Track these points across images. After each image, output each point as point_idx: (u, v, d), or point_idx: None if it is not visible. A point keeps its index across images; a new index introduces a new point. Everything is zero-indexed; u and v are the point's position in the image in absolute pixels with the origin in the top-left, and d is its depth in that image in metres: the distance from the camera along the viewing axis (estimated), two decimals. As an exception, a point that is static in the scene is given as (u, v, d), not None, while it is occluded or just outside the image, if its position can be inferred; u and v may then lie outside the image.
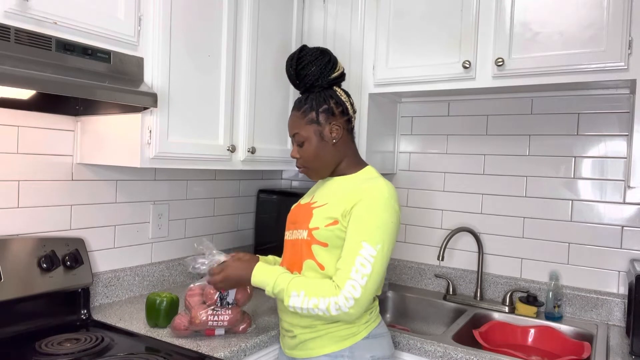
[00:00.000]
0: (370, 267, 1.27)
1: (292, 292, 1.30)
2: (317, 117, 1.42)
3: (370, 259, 1.27)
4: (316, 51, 1.45)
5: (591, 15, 1.62)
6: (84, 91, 1.27)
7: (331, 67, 1.44)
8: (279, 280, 1.33)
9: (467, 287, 2.20)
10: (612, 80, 1.63)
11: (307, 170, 1.48)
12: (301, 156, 1.46)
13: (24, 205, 1.58)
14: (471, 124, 2.21)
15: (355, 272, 1.26)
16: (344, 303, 1.26)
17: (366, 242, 1.28)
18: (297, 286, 1.30)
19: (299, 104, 1.46)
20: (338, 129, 1.43)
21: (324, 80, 1.44)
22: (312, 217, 1.40)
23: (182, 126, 1.63)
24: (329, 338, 1.38)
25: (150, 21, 1.52)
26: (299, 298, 1.29)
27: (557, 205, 2.02)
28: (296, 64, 1.45)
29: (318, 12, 2.18)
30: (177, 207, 2.09)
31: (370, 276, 1.27)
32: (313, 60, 1.43)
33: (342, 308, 1.26)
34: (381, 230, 1.30)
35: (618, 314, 1.88)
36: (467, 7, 1.84)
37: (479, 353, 1.55)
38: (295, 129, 1.45)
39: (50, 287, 1.52)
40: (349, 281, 1.26)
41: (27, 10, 1.22)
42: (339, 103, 1.45)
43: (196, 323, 1.46)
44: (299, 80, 1.46)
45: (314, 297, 1.27)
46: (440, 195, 2.29)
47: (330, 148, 1.44)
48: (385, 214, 1.31)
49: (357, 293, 1.25)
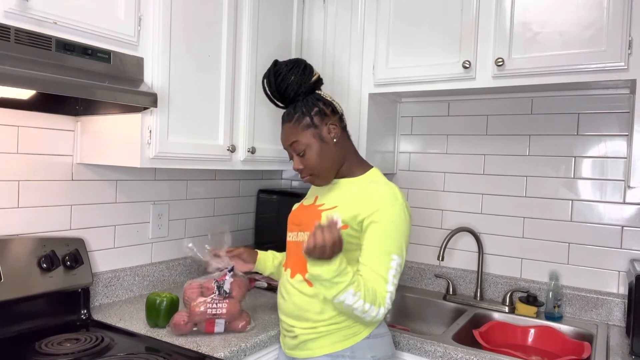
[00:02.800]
0: (399, 275, 1.35)
1: (350, 289, 1.25)
2: (312, 121, 1.42)
3: (400, 269, 1.34)
4: (289, 62, 1.46)
5: (591, 15, 1.62)
6: (84, 91, 1.27)
7: (308, 72, 1.45)
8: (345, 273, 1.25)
9: (467, 287, 2.20)
10: (612, 80, 1.63)
11: (313, 178, 1.46)
12: (305, 165, 1.43)
13: (24, 205, 1.58)
14: (471, 124, 2.21)
15: (392, 285, 1.32)
16: (384, 312, 1.31)
17: (395, 253, 1.33)
18: (357, 286, 1.27)
19: (289, 116, 1.44)
20: (335, 127, 1.44)
21: (306, 87, 1.44)
22: (321, 219, 1.39)
23: (182, 126, 1.63)
24: (329, 338, 1.38)
25: (150, 21, 1.52)
26: (354, 297, 1.26)
27: (557, 205, 2.02)
28: (274, 78, 1.45)
29: (318, 12, 2.18)
30: (177, 207, 2.09)
31: (397, 283, 1.34)
32: (289, 70, 1.44)
33: (378, 316, 1.31)
34: (404, 238, 1.36)
35: (618, 314, 1.88)
36: (467, 7, 1.84)
37: (479, 353, 1.55)
38: (292, 137, 1.42)
39: (50, 287, 1.52)
40: (388, 295, 1.31)
41: (27, 10, 1.22)
42: (327, 103, 1.45)
43: (196, 312, 1.47)
44: (280, 94, 1.46)
45: (368, 302, 1.28)
46: (440, 195, 2.29)
47: (332, 148, 1.43)
48: (404, 221, 1.37)
49: (391, 303, 1.32)
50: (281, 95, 1.46)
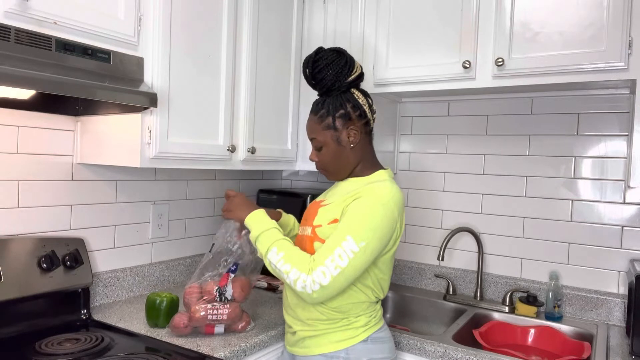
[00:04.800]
0: (347, 261, 1.26)
1: (274, 248, 1.32)
2: (333, 123, 1.42)
3: (350, 254, 1.27)
4: (332, 54, 1.43)
5: (591, 15, 1.62)
6: (84, 91, 1.27)
7: (348, 69, 1.42)
8: (270, 233, 1.36)
9: (467, 287, 2.20)
10: (612, 80, 1.63)
11: (325, 172, 1.49)
12: (319, 160, 1.47)
13: (24, 205, 1.58)
14: (471, 124, 2.21)
15: (330, 260, 1.27)
16: (310, 285, 1.26)
17: (351, 236, 1.28)
18: (281, 246, 1.32)
19: (316, 108, 1.46)
20: (356, 134, 1.43)
21: (341, 84, 1.42)
22: (317, 215, 1.42)
23: (182, 126, 1.63)
24: (326, 338, 1.39)
25: (150, 21, 1.52)
26: (277, 256, 1.31)
27: (557, 205, 2.02)
28: (312, 67, 1.44)
29: (318, 12, 2.18)
30: (177, 207, 2.09)
31: (343, 270, 1.26)
32: (329, 63, 1.41)
33: (306, 288, 1.27)
34: (371, 230, 1.29)
35: (618, 314, 1.88)
36: (467, 7, 1.84)
37: (479, 353, 1.55)
38: (313, 133, 1.46)
39: (50, 287, 1.52)
40: (320, 267, 1.27)
41: (27, 10, 1.22)
42: (357, 106, 1.43)
43: (196, 317, 1.46)
44: (315, 83, 1.46)
45: (289, 263, 1.29)
46: (440, 195, 2.29)
47: (348, 152, 1.44)
48: (378, 214, 1.30)
49: (325, 281, 1.26)
50: (316, 84, 1.46)
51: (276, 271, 1.33)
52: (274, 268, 1.33)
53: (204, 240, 2.24)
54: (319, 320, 1.39)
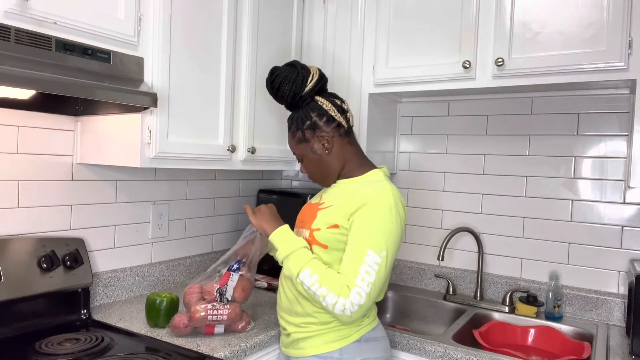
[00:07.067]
0: (375, 274, 1.29)
1: (307, 269, 1.31)
2: (303, 136, 1.45)
3: (375, 267, 1.29)
4: (285, 69, 1.45)
5: (591, 15, 1.62)
6: (84, 91, 1.27)
7: (302, 80, 1.42)
8: (300, 253, 1.34)
9: (467, 287, 2.20)
10: (612, 80, 1.63)
11: (314, 181, 1.53)
12: (306, 170, 1.51)
13: (24, 205, 1.58)
14: (471, 124, 2.21)
15: (361, 280, 1.28)
16: (350, 307, 1.28)
17: (371, 249, 1.29)
18: (314, 268, 1.31)
19: (289, 124, 1.50)
20: (328, 140, 1.43)
21: (302, 96, 1.43)
22: (316, 218, 1.42)
23: (182, 126, 1.63)
24: (320, 339, 1.39)
25: (150, 21, 1.52)
26: (311, 279, 1.30)
27: (557, 205, 2.02)
28: (271, 87, 1.48)
29: (318, 12, 2.18)
30: (177, 207, 2.09)
31: (374, 283, 1.29)
32: (284, 80, 1.43)
33: (345, 311, 1.28)
34: (385, 236, 1.31)
35: (618, 314, 1.88)
36: (467, 7, 1.84)
37: (479, 353, 1.55)
38: (292, 148, 1.52)
39: (50, 287, 1.52)
40: (355, 289, 1.28)
41: (27, 10, 1.22)
42: (322, 114, 1.43)
43: (196, 318, 1.46)
44: (279, 100, 1.48)
45: (325, 287, 1.29)
46: (440, 195, 2.29)
47: (327, 158, 1.45)
48: (389, 220, 1.32)
49: (362, 300, 1.28)
50: (281, 102, 1.49)
51: (309, 293, 1.32)
52: (306, 289, 1.32)
53: (204, 240, 2.24)
54: (312, 323, 1.39)
